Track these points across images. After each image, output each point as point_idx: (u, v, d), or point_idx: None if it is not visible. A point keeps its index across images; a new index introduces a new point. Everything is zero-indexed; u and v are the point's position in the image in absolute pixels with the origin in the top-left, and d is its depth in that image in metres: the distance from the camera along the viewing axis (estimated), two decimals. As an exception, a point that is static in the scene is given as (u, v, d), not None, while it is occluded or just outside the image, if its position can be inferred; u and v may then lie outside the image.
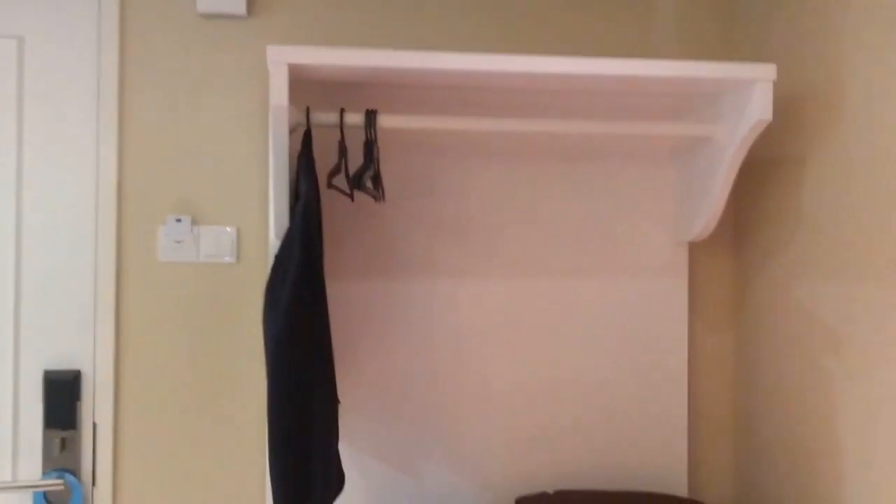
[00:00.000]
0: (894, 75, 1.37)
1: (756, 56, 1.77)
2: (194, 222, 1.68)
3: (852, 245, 1.46)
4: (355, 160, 1.64)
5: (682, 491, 1.76)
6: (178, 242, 1.66)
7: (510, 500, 1.71)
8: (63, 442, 1.64)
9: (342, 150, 1.50)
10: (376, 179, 1.52)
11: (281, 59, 1.38)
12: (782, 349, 1.67)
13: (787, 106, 1.64)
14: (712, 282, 1.84)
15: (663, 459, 1.76)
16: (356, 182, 1.51)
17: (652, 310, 1.77)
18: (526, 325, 1.73)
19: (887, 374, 1.37)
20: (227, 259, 1.68)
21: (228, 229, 1.68)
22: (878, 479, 1.39)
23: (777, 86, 1.67)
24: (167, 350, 1.67)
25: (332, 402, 1.45)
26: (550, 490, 1.71)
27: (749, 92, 1.50)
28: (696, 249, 1.83)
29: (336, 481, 1.48)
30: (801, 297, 1.60)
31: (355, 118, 1.49)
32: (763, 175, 1.73)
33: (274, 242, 1.55)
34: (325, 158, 1.63)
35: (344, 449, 1.66)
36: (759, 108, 1.48)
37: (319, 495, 1.43)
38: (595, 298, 1.75)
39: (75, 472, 1.64)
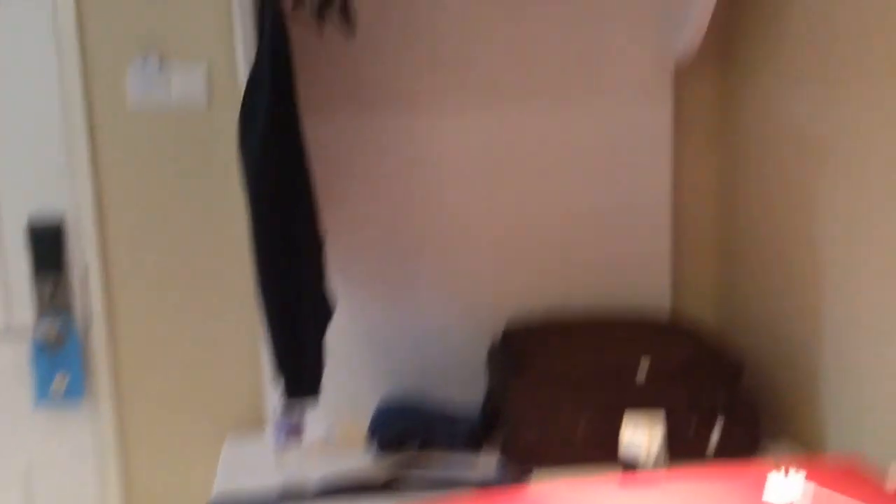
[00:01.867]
0: None
1: None
2: (162, 57, 1.63)
3: (842, 54, 1.41)
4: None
5: (664, 311, 1.80)
6: (147, 81, 1.62)
7: (499, 325, 1.74)
8: (54, 287, 1.66)
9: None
10: (345, 11, 1.46)
11: None
12: (768, 168, 1.66)
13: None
14: (697, 106, 1.80)
15: (647, 283, 1.79)
16: (320, 12, 1.45)
17: (635, 135, 1.74)
18: (506, 154, 1.71)
19: (872, 183, 1.36)
20: (199, 97, 1.64)
21: (198, 64, 1.64)
22: (859, 287, 1.41)
23: None
24: (148, 196, 1.68)
25: (316, 231, 1.46)
26: (537, 316, 1.75)
27: None
28: (681, 74, 1.78)
29: (325, 311, 1.51)
30: (788, 112, 1.57)
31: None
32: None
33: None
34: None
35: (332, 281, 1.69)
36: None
37: (310, 323, 1.47)
38: (576, 124, 1.72)
39: (69, 316, 1.68)
